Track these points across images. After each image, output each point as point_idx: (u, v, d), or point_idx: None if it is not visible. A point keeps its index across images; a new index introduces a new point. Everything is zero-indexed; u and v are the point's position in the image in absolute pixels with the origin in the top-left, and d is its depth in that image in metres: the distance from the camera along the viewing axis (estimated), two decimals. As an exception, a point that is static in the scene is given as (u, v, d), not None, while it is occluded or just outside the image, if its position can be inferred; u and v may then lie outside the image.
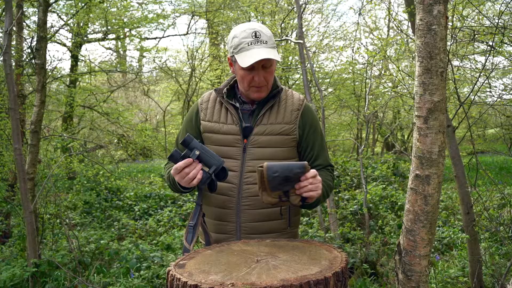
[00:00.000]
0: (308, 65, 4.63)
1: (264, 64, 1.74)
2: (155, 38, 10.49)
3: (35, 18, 7.24)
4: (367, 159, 8.54)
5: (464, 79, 6.86)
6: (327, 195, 1.84)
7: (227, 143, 1.81)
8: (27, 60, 5.54)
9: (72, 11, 8.10)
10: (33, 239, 3.55)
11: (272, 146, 1.80)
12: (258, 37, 1.72)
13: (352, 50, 10.70)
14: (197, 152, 1.65)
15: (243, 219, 1.79)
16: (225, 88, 1.88)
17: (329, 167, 1.90)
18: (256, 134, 1.80)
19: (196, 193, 1.80)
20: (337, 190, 6.60)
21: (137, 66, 12.32)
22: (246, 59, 1.70)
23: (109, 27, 9.42)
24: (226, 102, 1.86)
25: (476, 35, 3.82)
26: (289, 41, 8.53)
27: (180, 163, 1.64)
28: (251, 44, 1.71)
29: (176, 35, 16.68)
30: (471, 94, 3.91)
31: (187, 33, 10.01)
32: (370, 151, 10.96)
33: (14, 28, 4.16)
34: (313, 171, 1.60)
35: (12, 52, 4.60)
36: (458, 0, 3.82)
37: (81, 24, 9.06)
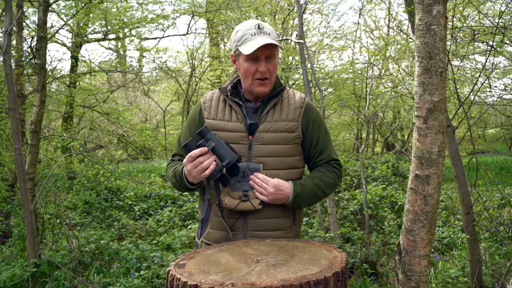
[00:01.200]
0: (309, 65, 4.62)
1: (268, 55, 1.77)
2: (155, 38, 10.48)
3: (35, 18, 7.24)
4: (367, 159, 8.54)
5: (464, 79, 6.86)
6: (322, 193, 1.87)
7: (233, 141, 1.81)
8: (27, 60, 5.53)
9: (72, 11, 8.09)
10: (33, 239, 3.55)
11: (277, 143, 1.82)
12: (261, 29, 1.77)
13: (353, 51, 10.72)
14: (213, 144, 1.69)
15: (250, 216, 1.81)
16: (229, 86, 1.90)
17: (332, 162, 1.92)
18: (262, 131, 1.82)
19: (197, 193, 1.82)
20: (337, 190, 6.60)
21: (137, 66, 12.32)
22: (250, 47, 1.74)
23: (109, 27, 9.41)
24: (230, 100, 1.87)
25: (476, 35, 3.82)
26: (290, 41, 8.54)
27: (195, 151, 1.68)
28: (254, 35, 1.76)
29: (176, 35, 16.66)
30: (471, 94, 3.91)
31: (187, 33, 9.98)
32: (370, 151, 10.96)
33: (14, 28, 4.16)
34: (261, 175, 1.76)
35: (12, 52, 4.60)
36: (458, 0, 3.82)
37: (81, 24, 9.05)
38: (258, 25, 1.77)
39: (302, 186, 1.81)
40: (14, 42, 5.47)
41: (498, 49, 3.81)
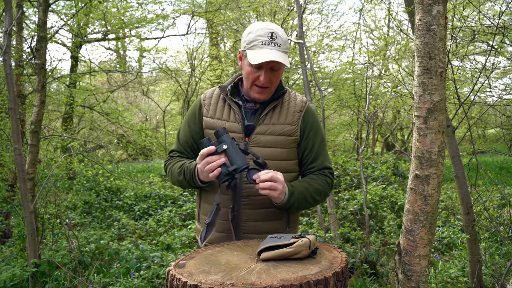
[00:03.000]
0: (308, 65, 4.62)
1: (273, 66, 1.74)
2: (155, 38, 10.49)
3: (35, 18, 7.24)
4: (367, 159, 8.54)
5: (464, 79, 6.86)
6: (312, 199, 1.80)
7: None
8: (27, 60, 5.53)
9: (72, 11, 8.09)
10: (33, 239, 3.55)
11: (272, 146, 1.80)
12: (274, 38, 1.71)
13: (352, 51, 10.72)
14: (225, 147, 1.64)
15: (242, 218, 1.79)
16: (229, 86, 1.87)
17: (325, 170, 1.87)
18: (258, 133, 1.80)
19: (196, 192, 1.80)
20: (337, 190, 6.60)
21: (137, 66, 12.32)
22: (256, 57, 1.70)
23: (109, 27, 9.41)
24: (229, 100, 1.85)
25: (476, 35, 3.82)
26: (289, 41, 8.53)
27: (204, 150, 1.64)
28: (264, 44, 1.71)
29: (176, 35, 16.68)
30: (471, 94, 3.91)
31: (187, 33, 9.99)
32: (370, 151, 10.97)
33: (14, 28, 4.15)
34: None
35: (12, 52, 4.60)
36: (458, 0, 3.82)
37: (81, 24, 9.05)
38: (272, 34, 1.71)
39: (292, 188, 1.74)
40: (14, 42, 5.47)
41: (498, 49, 3.81)
